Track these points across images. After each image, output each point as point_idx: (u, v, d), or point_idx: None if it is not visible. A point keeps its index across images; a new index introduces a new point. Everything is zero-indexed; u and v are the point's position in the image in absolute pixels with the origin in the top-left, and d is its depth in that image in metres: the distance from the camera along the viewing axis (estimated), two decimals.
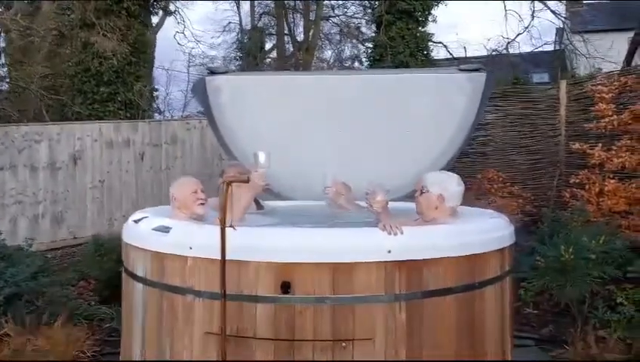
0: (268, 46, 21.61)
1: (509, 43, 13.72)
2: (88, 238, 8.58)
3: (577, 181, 5.80)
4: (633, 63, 10.57)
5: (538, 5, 13.53)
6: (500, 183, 6.53)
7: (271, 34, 22.40)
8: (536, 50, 15.31)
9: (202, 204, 3.31)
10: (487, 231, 2.70)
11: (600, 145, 5.63)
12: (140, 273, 2.76)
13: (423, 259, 2.42)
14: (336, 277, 2.35)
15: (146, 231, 2.76)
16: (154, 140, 9.24)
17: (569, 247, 4.11)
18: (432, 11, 11.65)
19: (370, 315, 2.36)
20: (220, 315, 2.28)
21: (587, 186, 5.70)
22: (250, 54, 19.12)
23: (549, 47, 17.10)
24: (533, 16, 13.39)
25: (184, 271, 2.52)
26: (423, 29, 11.78)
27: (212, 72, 4.78)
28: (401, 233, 2.42)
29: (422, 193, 2.91)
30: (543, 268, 4.23)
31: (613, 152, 5.57)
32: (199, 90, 4.73)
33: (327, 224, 3.79)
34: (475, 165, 6.87)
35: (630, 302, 3.89)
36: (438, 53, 13.25)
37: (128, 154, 9.03)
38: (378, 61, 11.68)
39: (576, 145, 5.73)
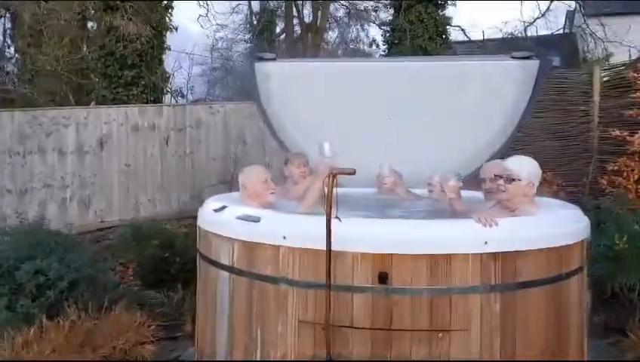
0: (277, 28, 21.40)
1: (527, 26, 13.62)
2: (115, 222, 8.70)
3: (615, 168, 5.81)
4: None
5: None
6: None
7: (279, 16, 22.18)
8: (555, 32, 15.18)
9: (273, 192, 3.34)
10: (572, 222, 2.73)
11: None
12: (225, 261, 2.80)
13: (517, 251, 2.45)
14: (433, 269, 2.39)
15: (231, 220, 2.78)
16: (178, 124, 9.24)
17: (622, 236, 4.15)
18: None
19: (466, 306, 2.40)
20: (326, 306, 2.31)
21: (625, 173, 5.72)
22: (261, 36, 18.94)
23: (566, 30, 16.91)
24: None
25: (277, 260, 2.56)
26: (442, 13, 11.70)
27: (260, 58, 4.76)
28: (496, 225, 2.45)
29: (510, 181, 2.85)
30: (593, 256, 4.27)
31: None
32: (247, 76, 4.72)
33: (382, 212, 3.82)
34: (507, 151, 6.85)
35: None
36: (456, 37, 13.17)
37: (153, 138, 9.04)
38: (397, 45, 11.61)
39: (616, 132, 5.73)
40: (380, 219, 2.67)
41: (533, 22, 13.75)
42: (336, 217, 2.33)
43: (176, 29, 10.16)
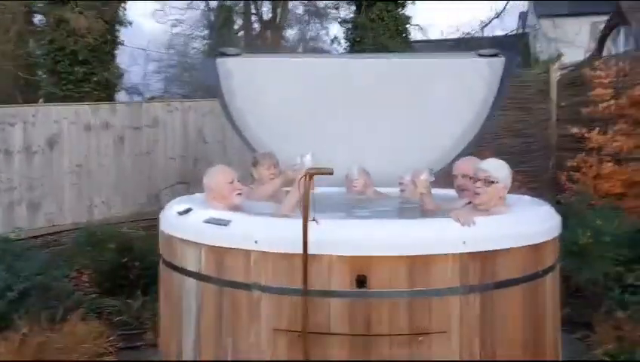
0: (236, 25, 21.11)
1: (483, 27, 13.87)
2: (68, 226, 8.31)
3: (574, 164, 5.93)
4: (605, 48, 10.87)
5: None
6: None
7: (238, 12, 21.88)
8: (508, 33, 15.54)
9: (239, 194, 3.20)
10: (547, 219, 2.71)
11: (597, 129, 5.76)
12: (191, 267, 2.64)
13: (495, 250, 2.41)
14: (412, 270, 2.31)
15: (197, 224, 2.63)
16: (134, 123, 8.90)
17: (586, 231, 4.20)
18: None
19: (446, 308, 2.34)
20: (302, 312, 2.20)
21: (584, 169, 5.84)
22: (219, 32, 18.61)
23: (519, 31, 17.36)
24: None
25: (248, 265, 2.42)
26: (402, 12, 11.71)
27: (223, 54, 4.59)
28: (474, 224, 2.39)
29: (490, 183, 2.80)
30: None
31: (609, 136, 5.72)
32: (209, 72, 4.55)
33: (350, 213, 3.74)
34: (474, 148, 6.90)
35: None
36: (415, 36, 13.24)
37: (107, 137, 8.68)
38: (358, 43, 11.55)
39: (575, 130, 5.84)
40: (357, 220, 2.57)
41: (490, 22, 14.02)
42: (313, 219, 2.21)
43: (131, 23, 9.79)
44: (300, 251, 2.30)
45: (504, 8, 14.16)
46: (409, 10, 11.98)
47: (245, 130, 4.58)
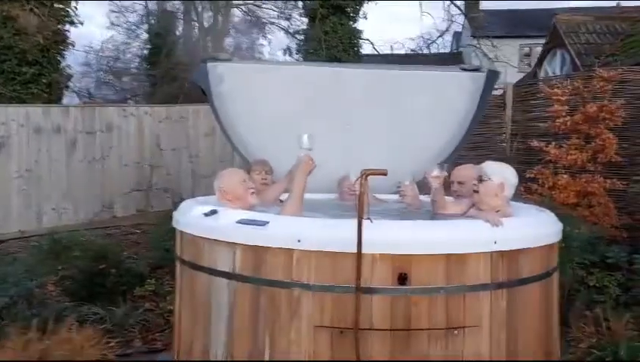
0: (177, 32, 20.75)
1: (430, 43, 14.49)
2: (14, 233, 7.86)
3: (532, 176, 6.33)
4: (542, 69, 11.67)
5: (454, 10, 14.42)
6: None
7: (179, 18, 21.55)
8: (448, 51, 16.27)
9: (254, 192, 3.24)
10: (555, 223, 2.94)
11: (553, 143, 6.20)
12: (223, 268, 2.65)
13: (519, 249, 2.59)
14: (449, 268, 2.44)
15: (230, 224, 2.65)
16: (87, 127, 8.61)
17: None
18: (363, 8, 11.99)
19: (478, 303, 2.49)
20: (355, 310, 2.27)
21: (541, 180, 6.25)
22: (158, 38, 18.20)
23: (454, 50, 18.23)
24: (451, 20, 14.26)
25: (290, 264, 2.47)
26: (354, 25, 12.06)
27: (214, 59, 4.59)
28: (502, 225, 2.56)
29: (481, 181, 3.00)
30: None
31: (564, 150, 6.17)
32: (201, 76, 4.53)
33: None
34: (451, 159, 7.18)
35: (614, 285, 4.38)
36: (365, 50, 13.64)
37: (59, 141, 8.34)
38: (311, 54, 11.78)
39: (534, 143, 6.25)
40: (399, 221, 2.67)
41: (435, 40, 14.67)
42: (368, 218, 2.30)
43: (82, 23, 9.45)
44: (343, 250, 2.40)
45: (447, 29, 14.87)
46: (360, 25, 12.36)
47: (234, 135, 4.59)
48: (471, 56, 19.25)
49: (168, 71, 13.05)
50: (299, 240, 2.45)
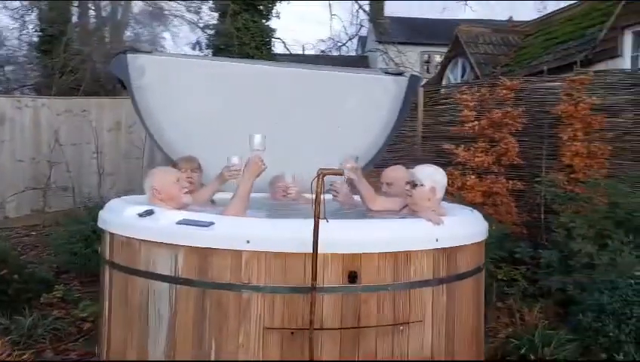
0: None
1: (341, 46, 14.74)
2: None
3: None
4: (445, 77, 12.33)
5: (362, 14, 14.82)
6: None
7: (75, 6, 20.15)
8: (355, 55, 16.65)
9: (187, 192, 3.11)
10: (484, 221, 3.10)
11: (462, 146, 6.56)
12: (162, 271, 2.52)
13: (457, 246, 2.71)
14: (396, 266, 2.50)
15: (171, 226, 2.52)
16: None
17: None
18: (276, 7, 11.95)
19: (422, 299, 2.57)
20: (310, 309, 2.25)
21: (450, 181, 6.59)
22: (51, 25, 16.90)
23: (359, 54, 18.73)
24: (360, 25, 14.62)
25: (239, 266, 2.40)
26: (266, 23, 11.99)
27: (134, 50, 4.35)
28: (443, 223, 2.67)
29: (414, 187, 3.10)
30: None
31: (472, 153, 6.56)
32: (120, 67, 4.27)
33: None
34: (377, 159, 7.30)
35: (524, 278, 4.72)
36: (277, 48, 13.59)
37: None
38: (222, 50, 11.54)
39: (446, 146, 6.58)
40: (349, 221, 2.68)
41: (346, 43, 14.96)
42: (324, 218, 2.29)
43: None
44: (293, 250, 2.37)
45: (357, 33, 15.24)
46: (273, 23, 12.31)
47: (155, 130, 4.38)
48: (376, 61, 19.90)
49: (67, 61, 12.16)
50: (248, 241, 2.38)
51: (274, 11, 11.91)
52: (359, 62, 19.11)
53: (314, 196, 2.22)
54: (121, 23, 21.14)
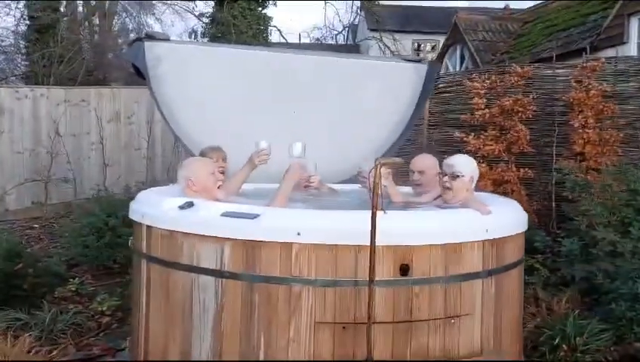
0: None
1: (337, 34, 14.62)
2: None
3: None
4: (443, 65, 12.26)
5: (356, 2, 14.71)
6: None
7: None
8: (350, 43, 16.54)
9: (220, 186, 3.04)
10: (524, 211, 3.05)
11: (472, 134, 6.52)
12: (208, 265, 2.44)
13: (505, 237, 2.66)
14: (447, 258, 2.45)
15: (215, 217, 2.44)
16: None
17: None
18: None
19: (472, 291, 2.52)
20: (368, 303, 2.18)
21: None
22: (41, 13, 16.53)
23: (349, 42, 18.60)
24: (357, 13, 14.50)
25: (289, 258, 2.33)
26: (263, 11, 11.83)
27: (151, 37, 4.22)
28: (491, 213, 2.62)
29: (455, 178, 3.04)
30: None
31: (482, 140, 6.52)
32: (137, 56, 4.14)
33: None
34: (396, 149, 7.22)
35: (544, 267, 4.70)
36: (273, 37, 13.45)
37: None
38: (219, 39, 11.37)
39: (457, 133, 6.53)
40: (398, 212, 2.61)
41: (342, 31, 14.83)
42: (382, 209, 2.22)
43: None
44: (346, 242, 2.31)
45: (353, 20, 15.11)
46: (269, 11, 12.16)
47: (172, 119, 4.27)
48: (368, 50, 19.76)
49: (64, 51, 11.89)
50: (299, 233, 2.31)
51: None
52: (352, 51, 18.95)
53: (371, 186, 2.15)
54: (110, 11, 20.76)
